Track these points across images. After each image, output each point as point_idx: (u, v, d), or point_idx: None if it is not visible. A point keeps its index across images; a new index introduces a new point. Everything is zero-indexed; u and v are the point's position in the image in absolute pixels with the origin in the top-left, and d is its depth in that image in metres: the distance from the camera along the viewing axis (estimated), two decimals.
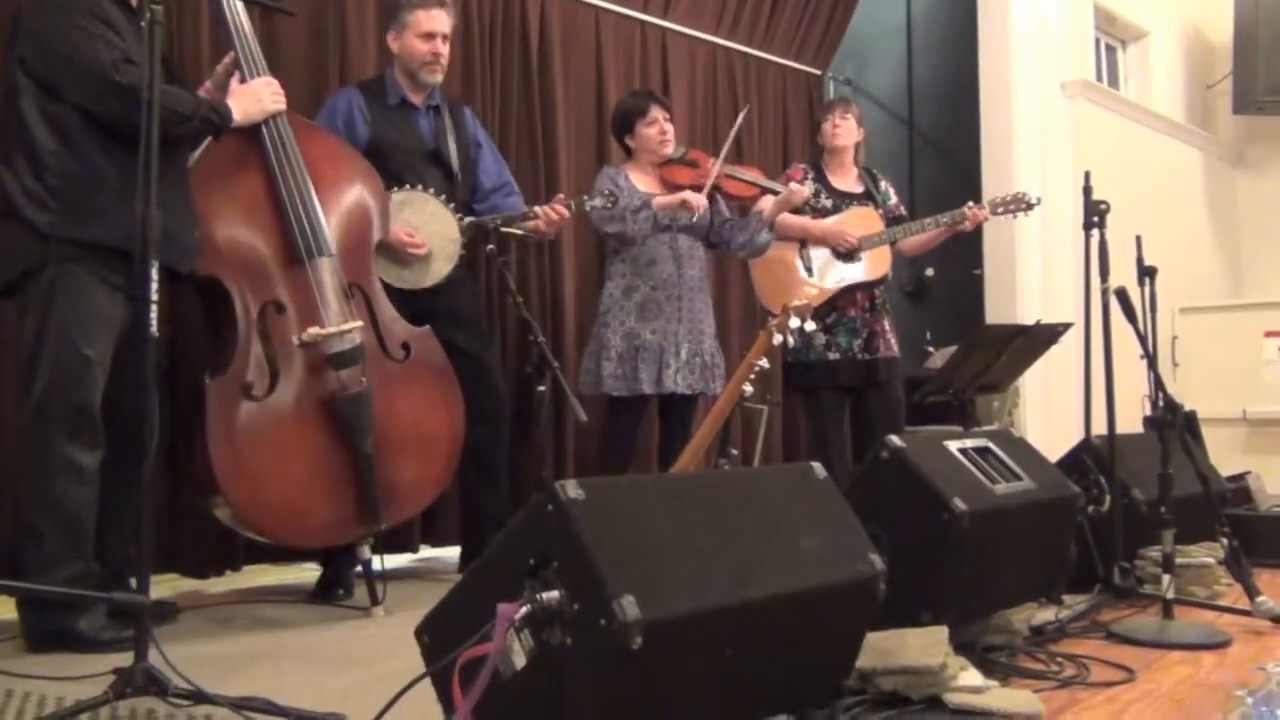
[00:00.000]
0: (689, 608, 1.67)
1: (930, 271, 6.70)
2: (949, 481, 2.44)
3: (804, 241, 4.42)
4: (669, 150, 4.09)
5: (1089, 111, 6.45)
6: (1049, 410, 5.96)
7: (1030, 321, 4.24)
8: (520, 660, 1.66)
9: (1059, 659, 2.44)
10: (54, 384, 2.67)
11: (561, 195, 3.68)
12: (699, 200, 3.87)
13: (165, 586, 3.55)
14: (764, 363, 2.66)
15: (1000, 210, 4.42)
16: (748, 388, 2.69)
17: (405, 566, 4.07)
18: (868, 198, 4.57)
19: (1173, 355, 6.84)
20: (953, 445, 2.63)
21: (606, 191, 3.68)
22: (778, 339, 2.62)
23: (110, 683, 2.03)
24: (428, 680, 1.74)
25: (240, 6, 3.03)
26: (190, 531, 3.48)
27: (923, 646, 2.16)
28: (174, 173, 2.79)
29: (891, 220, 4.54)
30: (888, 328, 4.51)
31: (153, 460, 2.12)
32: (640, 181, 4.04)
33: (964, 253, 6.17)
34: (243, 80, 2.99)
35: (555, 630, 1.64)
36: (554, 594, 1.64)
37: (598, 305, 4.04)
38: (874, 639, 2.13)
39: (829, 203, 4.48)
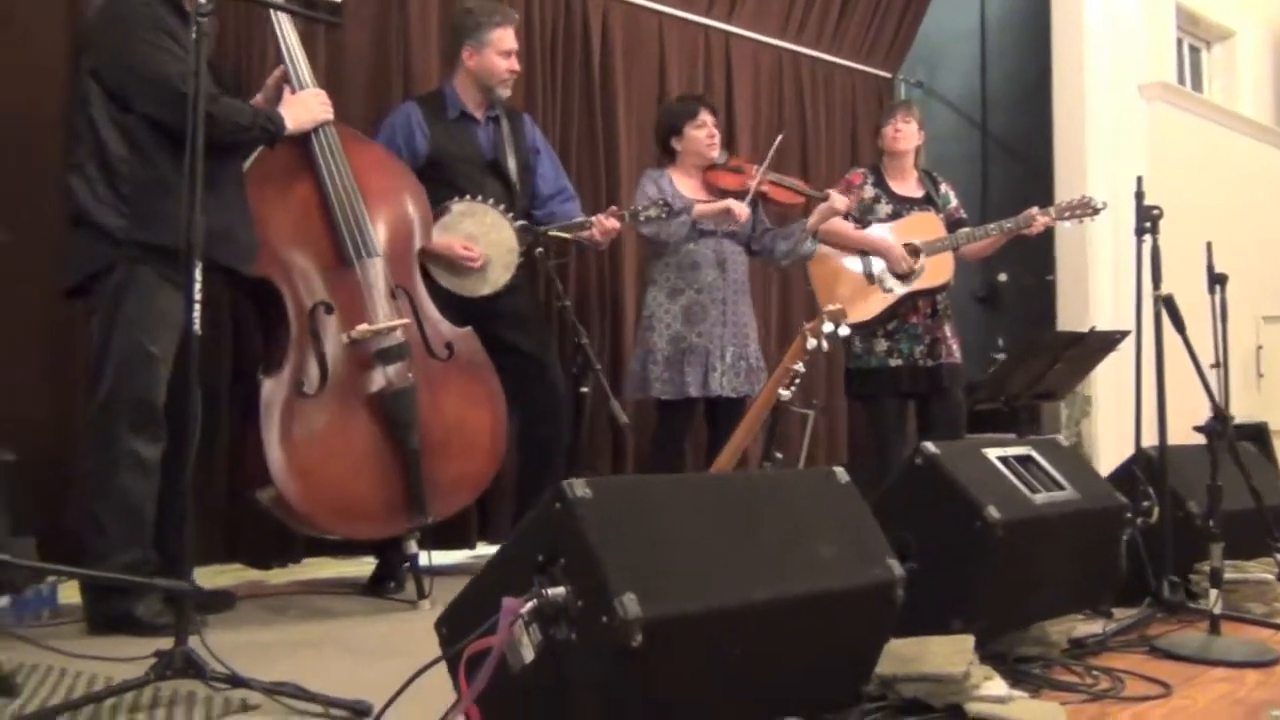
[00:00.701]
0: (692, 607, 1.69)
1: (1003, 277, 6.60)
2: (984, 489, 2.41)
3: (863, 251, 4.39)
4: (715, 154, 4.11)
5: (1167, 114, 6.29)
6: (1120, 420, 5.82)
7: (1102, 328, 4.16)
8: (529, 654, 1.70)
9: (1095, 672, 2.40)
10: (120, 380, 2.79)
11: (615, 207, 3.72)
12: (742, 208, 3.89)
13: (230, 576, 3.68)
14: (799, 367, 2.66)
15: (1066, 215, 4.35)
16: (784, 392, 2.70)
17: (461, 563, 4.14)
18: (928, 202, 4.52)
19: (1257, 365, 6.63)
20: (992, 453, 2.60)
21: (660, 202, 3.71)
22: (812, 344, 2.62)
23: (152, 664, 2.13)
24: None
25: (289, 24, 3.14)
26: (253, 524, 3.59)
27: (946, 655, 2.15)
28: (233, 178, 2.90)
29: (953, 224, 4.48)
30: (949, 334, 4.46)
31: (194, 451, 2.21)
32: (683, 185, 4.07)
33: (1036, 258, 6.07)
34: (293, 92, 3.08)
35: (561, 626, 1.67)
36: (560, 590, 1.68)
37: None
38: (897, 645, 2.13)
39: (889, 208, 4.44)
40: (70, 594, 3.05)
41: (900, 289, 4.33)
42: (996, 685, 2.14)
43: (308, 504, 2.99)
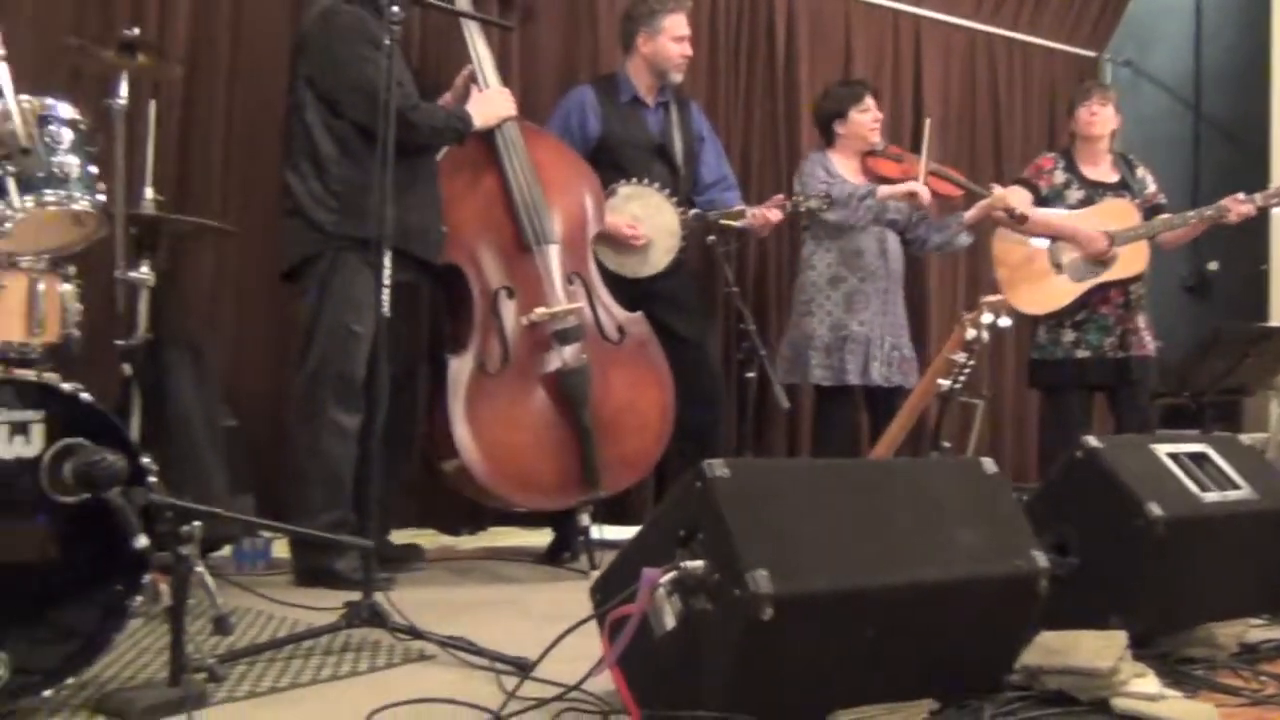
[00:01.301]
0: (824, 586, 1.76)
1: (1214, 265, 6.23)
2: (1146, 486, 2.36)
3: (1054, 237, 4.27)
4: (876, 139, 4.10)
5: None
6: None
7: None
8: (670, 621, 1.81)
9: (1263, 677, 2.31)
10: (326, 355, 3.08)
11: (780, 196, 3.78)
12: (926, 194, 3.86)
13: (424, 539, 3.95)
14: (960, 357, 2.65)
15: (1273, 202, 4.10)
16: (943, 382, 2.70)
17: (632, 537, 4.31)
18: (1123, 187, 4.34)
19: None
20: (1162, 449, 2.54)
21: (822, 192, 3.74)
22: (971, 334, 2.61)
23: (343, 613, 2.36)
24: None
25: (476, 28, 3.35)
26: (445, 493, 3.83)
27: (1096, 649, 2.12)
28: (426, 174, 3.14)
29: (1149, 210, 4.29)
30: (1142, 325, 4.28)
31: (382, 421, 2.43)
32: (844, 169, 4.07)
33: (1251, 245, 5.71)
34: (480, 90, 3.28)
35: (700, 597, 1.78)
36: (699, 563, 1.79)
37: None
38: (1047, 638, 2.12)
39: (1081, 194, 4.28)
40: (282, 549, 3.37)
41: (1089, 280, 4.19)
42: (1149, 683, 2.11)
43: (488, 474, 3.21)
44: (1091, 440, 2.44)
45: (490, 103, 3.28)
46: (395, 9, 2.39)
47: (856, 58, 4.96)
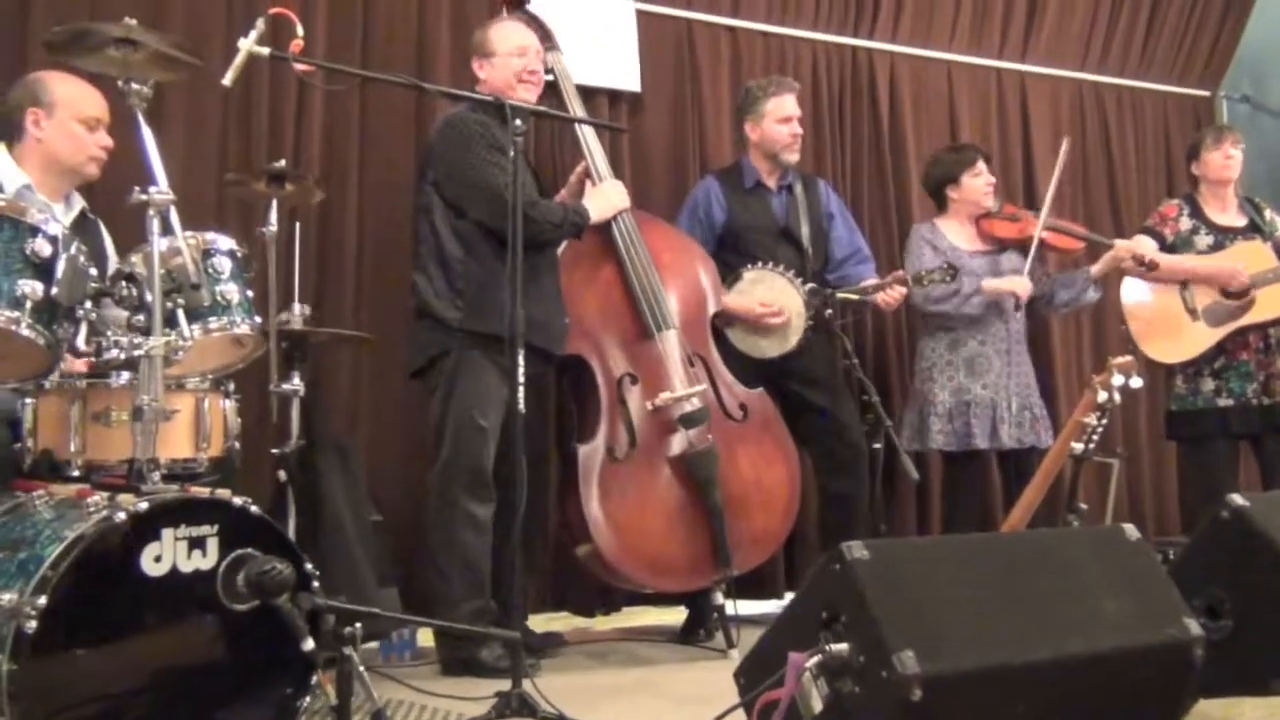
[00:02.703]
0: (969, 664, 1.77)
1: None
2: None
3: (1185, 282, 4.18)
4: (990, 202, 4.09)
5: None
6: None
7: None
8: (817, 705, 1.83)
9: None
10: (456, 450, 3.19)
11: (900, 272, 3.80)
12: (1026, 292, 3.89)
13: (559, 623, 4.03)
14: (1091, 420, 2.63)
15: None
16: (1076, 445, 2.67)
17: (770, 612, 4.29)
18: (1253, 230, 4.23)
19: None
20: None
21: (945, 265, 3.74)
22: (1103, 396, 2.58)
23: (493, 703, 2.44)
24: None
25: (590, 130, 3.50)
26: (579, 576, 3.91)
27: (1259, 717, 2.07)
28: (547, 268, 3.26)
29: None
30: None
31: (522, 513, 2.52)
32: (957, 236, 4.07)
33: None
34: (594, 184, 3.42)
35: (846, 680, 1.80)
36: (843, 646, 1.81)
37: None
38: (1206, 706, 2.08)
39: (1210, 239, 4.18)
40: (427, 638, 3.48)
41: (1229, 324, 4.07)
42: None
43: (622, 559, 3.27)
44: (1237, 499, 2.38)
45: (605, 196, 3.40)
46: (518, 122, 2.53)
47: (962, 119, 4.97)
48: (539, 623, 3.87)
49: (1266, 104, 6.44)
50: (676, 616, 3.98)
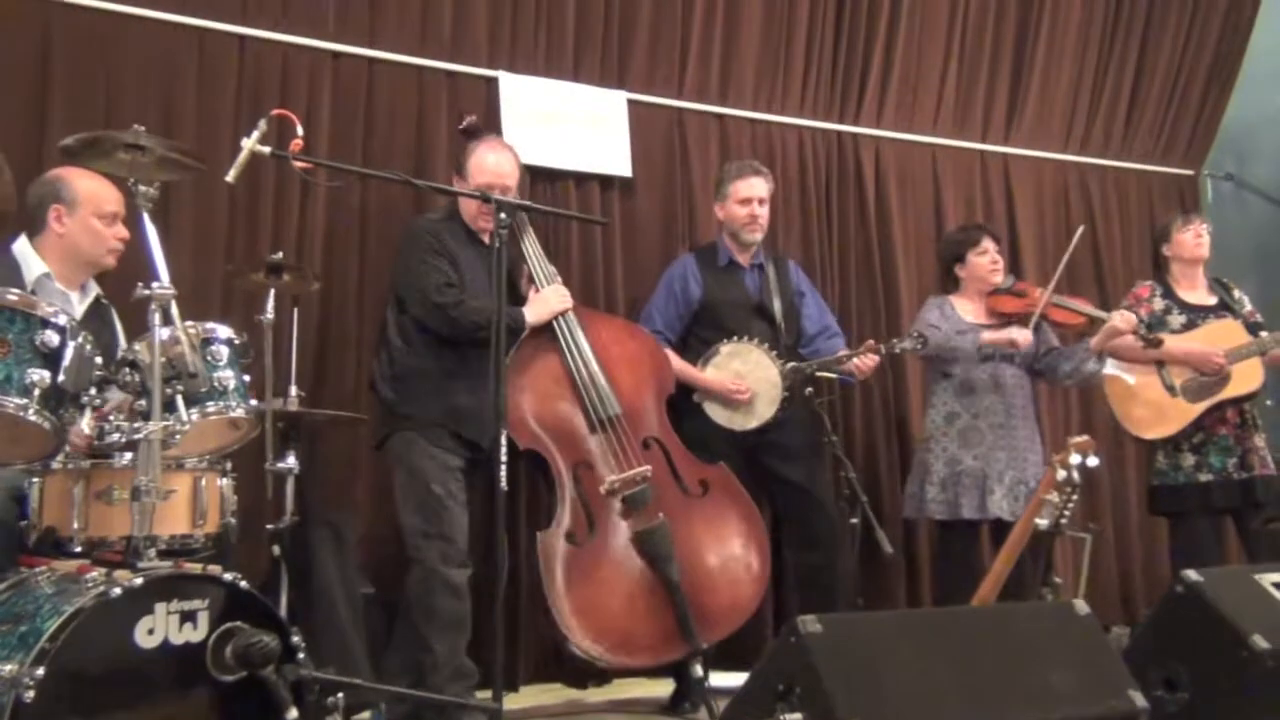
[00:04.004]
0: None
1: None
2: (1250, 618, 2.39)
3: (1161, 362, 4.28)
4: (998, 279, 4.20)
5: None
6: None
7: None
8: None
9: None
10: (426, 521, 3.31)
11: (871, 341, 3.93)
12: (1025, 336, 3.98)
13: (551, 694, 4.10)
14: (1053, 497, 2.73)
15: None
16: (1041, 521, 2.78)
17: None
18: (1223, 308, 4.35)
19: None
20: (1268, 579, 2.55)
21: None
22: (1061, 474, 2.69)
23: None
24: None
25: (530, 235, 3.69)
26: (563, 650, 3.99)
27: None
28: (476, 363, 3.33)
29: (1251, 328, 4.28)
30: (1261, 444, 4.23)
31: (502, 589, 2.62)
32: (966, 311, 4.18)
33: None
34: (537, 290, 3.61)
35: None
36: (797, 715, 1.91)
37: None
38: None
39: (1182, 318, 4.28)
40: None
41: (1206, 399, 4.17)
42: None
43: (592, 638, 3.38)
44: (1192, 574, 2.47)
45: (545, 301, 3.58)
46: (503, 215, 2.69)
47: (947, 201, 5.11)
48: (533, 693, 3.94)
49: (1251, 182, 6.58)
50: (665, 688, 4.04)
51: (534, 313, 3.54)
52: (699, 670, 3.41)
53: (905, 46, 5.03)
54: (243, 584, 2.20)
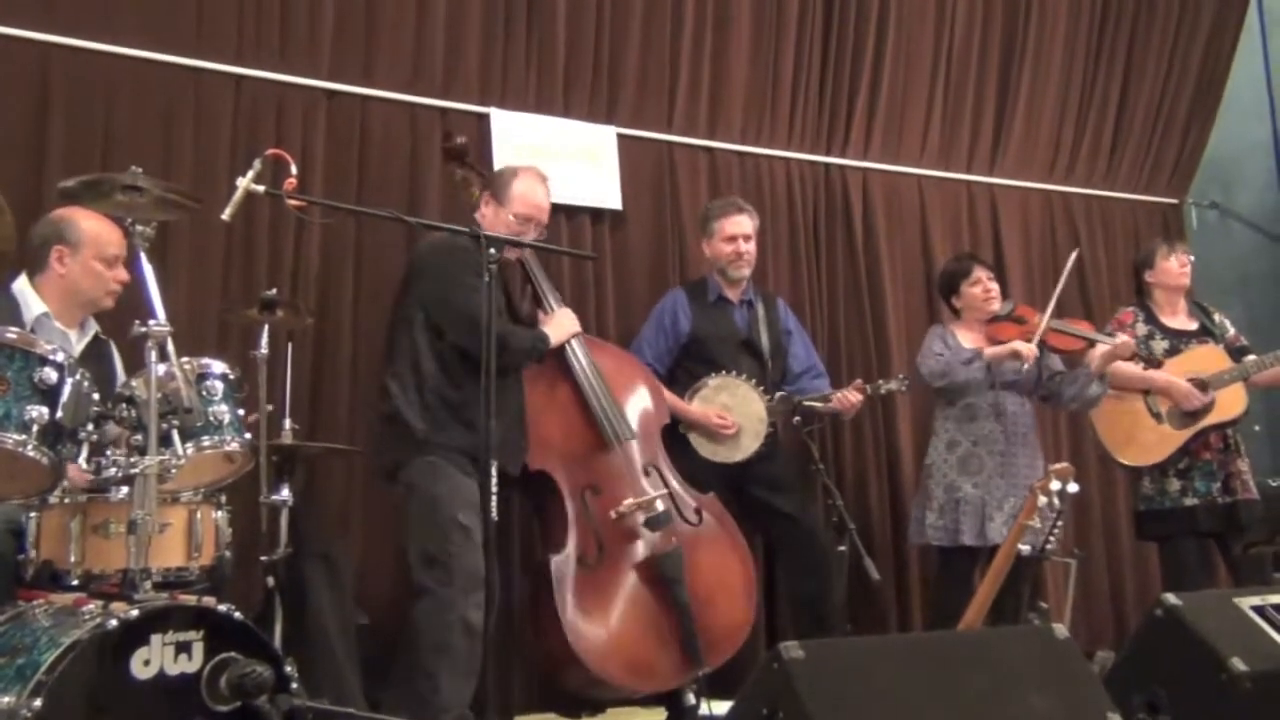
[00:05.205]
0: None
1: None
2: (1229, 641, 2.42)
3: (1147, 390, 4.33)
4: (994, 307, 4.26)
5: None
6: None
7: None
8: None
9: None
10: (449, 553, 3.22)
11: (859, 381, 3.99)
12: (1029, 350, 4.02)
13: None
14: (1035, 523, 2.78)
15: None
16: (1023, 547, 2.83)
17: None
18: (1205, 333, 4.40)
19: None
20: (1246, 602, 2.58)
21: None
22: (1042, 501, 2.74)
23: None
24: None
25: (537, 263, 3.71)
26: (564, 678, 4.00)
27: None
28: (515, 391, 3.43)
29: (1234, 352, 4.33)
30: (1244, 469, 4.29)
31: (494, 619, 2.66)
32: (967, 339, 4.23)
33: None
34: (546, 314, 3.63)
35: None
36: None
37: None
38: None
39: (1165, 344, 4.34)
40: None
41: (1192, 426, 4.22)
42: None
43: (603, 664, 3.41)
44: (1171, 598, 2.51)
45: (559, 324, 3.61)
46: (493, 250, 2.75)
47: (934, 231, 5.17)
48: None
49: (1235, 210, 6.66)
50: (658, 717, 4.06)
51: (555, 335, 3.55)
52: (691, 698, 3.44)
53: (891, 79, 5.11)
54: (237, 615, 2.24)
